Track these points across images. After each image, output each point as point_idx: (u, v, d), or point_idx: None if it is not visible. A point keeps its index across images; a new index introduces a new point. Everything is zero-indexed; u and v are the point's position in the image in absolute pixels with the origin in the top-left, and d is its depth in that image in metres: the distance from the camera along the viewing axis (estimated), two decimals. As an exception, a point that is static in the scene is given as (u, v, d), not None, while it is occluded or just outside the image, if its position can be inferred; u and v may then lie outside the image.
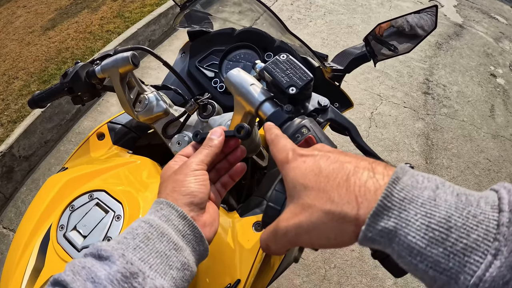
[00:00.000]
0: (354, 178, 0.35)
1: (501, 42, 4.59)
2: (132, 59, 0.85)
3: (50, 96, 0.98)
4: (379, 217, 0.31)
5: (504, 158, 3.03)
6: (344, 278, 2.14)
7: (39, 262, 0.74)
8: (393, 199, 0.31)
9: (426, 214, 0.29)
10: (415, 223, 0.30)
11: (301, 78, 0.58)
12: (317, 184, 0.37)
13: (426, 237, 0.29)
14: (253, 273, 0.75)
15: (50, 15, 3.87)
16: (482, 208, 0.29)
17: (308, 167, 0.40)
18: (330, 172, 0.37)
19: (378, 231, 0.31)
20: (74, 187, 0.84)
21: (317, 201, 0.36)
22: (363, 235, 0.32)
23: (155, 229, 0.44)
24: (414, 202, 0.31)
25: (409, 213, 0.30)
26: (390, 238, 0.31)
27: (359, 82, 3.43)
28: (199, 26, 1.23)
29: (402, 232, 0.30)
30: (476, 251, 0.27)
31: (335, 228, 0.35)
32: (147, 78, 3.21)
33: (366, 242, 0.33)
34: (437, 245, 0.28)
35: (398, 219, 0.30)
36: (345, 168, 0.37)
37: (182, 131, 0.93)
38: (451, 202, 0.30)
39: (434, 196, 0.30)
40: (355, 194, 0.34)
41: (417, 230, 0.29)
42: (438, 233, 0.28)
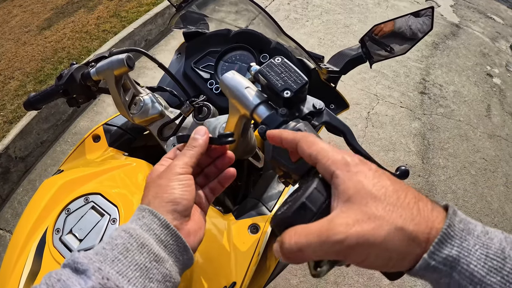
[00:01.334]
0: (421, 203, 0.35)
1: (498, 42, 4.61)
2: (127, 61, 0.85)
3: (45, 98, 0.98)
4: (443, 245, 0.32)
5: (500, 158, 3.04)
6: (341, 278, 2.15)
7: (35, 265, 0.74)
8: (455, 229, 0.33)
9: (484, 245, 0.32)
10: (476, 253, 0.31)
11: (295, 81, 0.58)
12: (387, 198, 0.35)
13: (486, 266, 0.31)
14: (249, 276, 0.75)
15: (46, 14, 3.85)
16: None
17: (375, 176, 0.38)
18: (398, 190, 0.36)
19: (442, 259, 0.32)
20: (69, 190, 0.84)
21: (388, 214, 0.34)
22: (425, 263, 0.33)
23: (134, 240, 0.42)
24: (471, 234, 0.33)
25: (469, 243, 0.32)
26: (452, 267, 0.32)
27: (355, 81, 3.43)
28: (194, 27, 1.23)
29: (465, 260, 0.31)
30: None
31: (403, 248, 0.33)
32: (143, 78, 3.21)
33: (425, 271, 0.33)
34: (496, 273, 0.30)
35: (460, 248, 0.32)
36: (411, 190, 0.37)
37: (178, 133, 0.93)
38: (501, 237, 0.32)
39: (486, 231, 0.33)
40: (425, 219, 0.34)
41: (478, 259, 0.31)
42: (496, 262, 0.31)
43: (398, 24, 1.03)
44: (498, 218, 2.59)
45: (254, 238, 0.79)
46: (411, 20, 1.03)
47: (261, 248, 0.79)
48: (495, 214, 2.61)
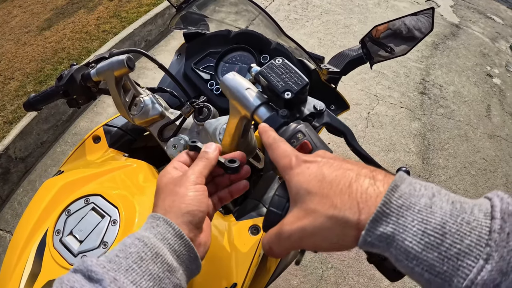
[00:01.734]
0: (356, 185, 0.36)
1: (497, 42, 4.61)
2: (127, 62, 0.85)
3: (45, 99, 0.98)
4: (378, 222, 0.33)
5: (500, 158, 3.04)
6: (341, 278, 2.15)
7: (36, 266, 0.74)
8: (391, 206, 0.33)
9: (423, 221, 0.31)
10: (412, 228, 0.31)
11: (296, 82, 0.58)
12: (320, 190, 0.38)
13: (422, 242, 0.30)
14: (250, 277, 0.75)
15: (46, 15, 3.85)
16: (475, 215, 0.30)
17: (312, 173, 0.41)
18: (333, 179, 0.38)
19: (377, 236, 0.33)
20: (70, 191, 0.84)
21: (321, 206, 0.37)
22: (363, 240, 0.34)
23: (149, 249, 0.42)
24: (411, 209, 0.32)
25: (406, 219, 0.32)
26: (388, 243, 0.32)
27: (355, 82, 3.43)
28: (195, 27, 1.23)
29: (400, 237, 0.32)
30: (469, 256, 0.29)
31: (338, 232, 0.36)
32: (143, 78, 3.21)
33: (365, 246, 0.34)
34: (432, 249, 0.30)
35: (396, 225, 0.32)
36: (347, 175, 0.38)
37: (178, 134, 0.93)
38: (446, 209, 0.31)
39: (430, 204, 0.32)
40: (357, 200, 0.35)
41: (414, 236, 0.31)
42: (433, 238, 0.30)
43: (398, 25, 1.03)
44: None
45: (254, 239, 0.79)
46: (411, 21, 1.03)
47: (262, 250, 0.79)
48: (495, 215, 2.60)
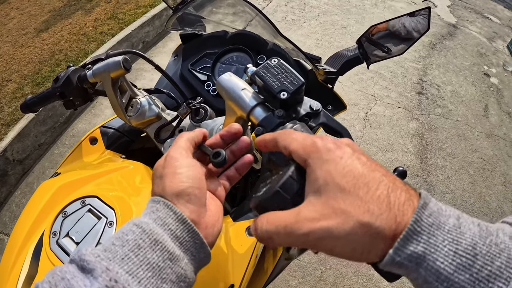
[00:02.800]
0: (393, 195, 0.34)
1: (495, 42, 4.62)
2: (123, 64, 0.85)
3: (42, 100, 0.98)
4: (408, 241, 0.31)
5: (498, 157, 3.05)
6: (340, 278, 2.15)
7: (32, 269, 0.73)
8: (422, 224, 0.31)
9: (453, 241, 0.30)
10: (443, 249, 0.30)
11: (292, 82, 0.58)
12: (356, 190, 0.34)
13: (454, 263, 0.30)
14: (247, 278, 0.75)
15: (44, 16, 3.84)
16: (501, 238, 0.30)
17: (346, 165, 0.36)
18: (370, 180, 0.35)
19: (407, 255, 0.31)
20: (66, 193, 0.84)
21: (354, 208, 0.33)
22: (391, 259, 0.32)
23: (147, 235, 0.38)
24: (441, 229, 0.31)
25: (437, 238, 0.31)
26: (418, 263, 0.31)
27: (353, 82, 3.44)
28: (192, 28, 1.23)
29: (431, 257, 0.30)
30: (500, 278, 0.28)
31: (366, 242, 0.33)
32: (140, 80, 3.20)
33: (391, 266, 0.32)
34: (464, 271, 0.29)
35: (427, 244, 0.31)
36: (384, 181, 0.35)
37: (175, 135, 0.92)
38: (475, 230, 0.31)
39: (459, 224, 0.31)
40: (395, 213, 0.32)
41: (446, 256, 0.30)
42: (465, 259, 0.29)
43: (395, 25, 1.03)
44: (497, 217, 2.59)
45: (252, 240, 0.79)
46: (408, 21, 1.03)
47: (259, 250, 0.79)
48: (493, 214, 2.61)
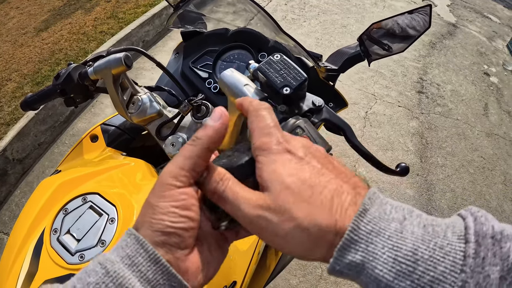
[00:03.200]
0: (337, 200, 0.33)
1: (494, 41, 4.62)
2: (125, 60, 0.84)
3: (42, 98, 0.97)
4: (346, 250, 0.31)
5: (498, 156, 3.05)
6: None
7: (33, 266, 0.73)
8: (360, 232, 0.31)
9: (393, 247, 0.30)
10: (382, 256, 0.30)
11: (295, 78, 0.58)
12: (300, 192, 0.34)
13: (394, 270, 0.29)
14: (249, 275, 0.75)
15: (43, 16, 3.84)
16: (449, 239, 0.29)
17: (293, 168, 0.35)
18: (316, 184, 0.34)
19: (346, 264, 0.31)
20: (67, 190, 0.84)
21: (297, 210, 0.33)
22: (331, 268, 0.32)
23: (111, 279, 0.32)
24: (381, 235, 0.30)
25: (376, 246, 0.30)
26: (358, 271, 0.30)
27: (353, 81, 3.44)
28: (192, 26, 1.22)
29: (370, 265, 0.30)
30: (443, 283, 0.27)
31: (308, 245, 0.33)
32: (141, 79, 3.20)
33: (334, 274, 0.32)
34: (405, 278, 0.28)
35: (365, 252, 0.30)
36: (330, 185, 0.34)
37: (176, 133, 0.92)
38: (418, 234, 0.30)
39: (401, 228, 0.30)
40: (335, 219, 0.32)
41: (384, 264, 0.29)
42: (405, 266, 0.29)
43: (395, 23, 1.03)
44: (497, 216, 2.59)
45: (254, 237, 0.79)
46: (408, 18, 1.03)
47: (261, 247, 0.79)
48: (493, 212, 2.61)
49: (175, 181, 0.36)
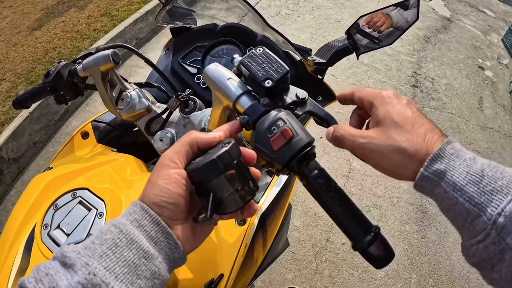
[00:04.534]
0: (429, 135, 0.47)
1: (489, 35, 4.63)
2: (112, 57, 0.85)
3: (34, 96, 0.98)
4: (434, 161, 0.44)
5: (493, 149, 3.06)
6: (335, 271, 2.16)
7: (24, 262, 0.74)
8: (445, 152, 0.44)
9: (467, 165, 0.42)
10: (459, 168, 0.42)
11: (277, 71, 0.59)
12: (404, 125, 0.48)
13: (466, 178, 0.41)
14: (236, 268, 0.76)
15: (37, 15, 3.83)
16: (507, 171, 0.41)
17: (401, 108, 0.50)
18: (415, 121, 0.48)
19: (433, 171, 0.43)
20: (57, 186, 0.84)
21: (400, 137, 0.47)
22: (420, 174, 0.44)
23: (124, 235, 0.41)
24: (459, 157, 0.43)
25: (455, 162, 0.43)
26: (440, 177, 0.43)
27: (347, 76, 3.44)
28: (181, 22, 1.22)
29: (449, 173, 0.42)
30: (500, 193, 0.39)
31: (402, 161, 0.47)
32: (135, 76, 3.20)
33: (421, 181, 0.45)
34: (473, 185, 0.40)
35: (447, 164, 0.43)
36: (426, 124, 0.48)
37: (165, 128, 0.93)
38: (485, 163, 0.42)
39: (474, 157, 0.43)
40: (426, 145, 0.46)
41: (460, 174, 0.42)
42: (474, 177, 0.41)
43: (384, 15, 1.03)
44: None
45: (241, 230, 0.79)
46: (397, 11, 1.03)
47: (248, 240, 0.80)
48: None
49: (171, 163, 0.47)
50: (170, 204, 0.45)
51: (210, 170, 0.46)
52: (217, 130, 0.53)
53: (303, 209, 2.40)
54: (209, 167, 0.46)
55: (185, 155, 0.48)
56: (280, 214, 0.95)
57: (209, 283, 0.73)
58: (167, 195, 0.45)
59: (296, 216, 2.36)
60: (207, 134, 0.51)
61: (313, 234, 2.30)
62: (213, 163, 0.46)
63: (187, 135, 0.50)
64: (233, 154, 0.48)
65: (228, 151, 0.47)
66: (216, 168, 0.46)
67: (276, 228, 0.94)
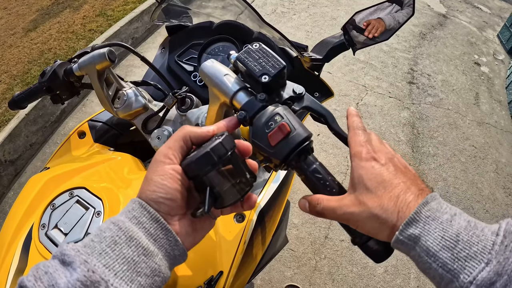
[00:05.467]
0: (402, 197, 0.45)
1: (485, 31, 4.64)
2: (108, 55, 0.84)
3: (30, 96, 0.97)
4: (409, 226, 0.43)
5: (490, 145, 3.07)
6: (334, 268, 2.16)
7: (22, 262, 0.74)
8: (421, 215, 0.43)
9: (443, 229, 0.41)
10: (434, 233, 0.41)
11: (273, 66, 0.58)
12: (376, 190, 0.47)
13: (440, 244, 0.40)
14: (236, 265, 0.75)
15: (32, 16, 3.81)
16: (485, 233, 0.40)
17: (374, 173, 0.48)
18: (388, 185, 0.47)
19: (407, 236, 0.43)
20: (54, 185, 0.84)
21: (372, 203, 0.46)
22: (396, 238, 0.44)
23: (123, 233, 0.42)
24: (435, 220, 0.42)
25: (430, 226, 0.42)
26: (415, 242, 0.42)
27: (344, 73, 3.44)
28: (177, 20, 1.22)
29: (424, 238, 0.42)
30: (474, 259, 0.38)
31: (376, 227, 0.46)
32: (131, 76, 3.19)
33: (396, 243, 0.44)
34: (447, 251, 0.40)
35: (422, 229, 0.42)
36: (400, 186, 0.47)
37: (162, 126, 0.93)
38: (462, 225, 0.41)
39: (451, 219, 0.42)
40: (398, 209, 0.45)
41: (434, 239, 0.41)
42: (449, 243, 0.40)
43: (379, 11, 1.04)
44: (489, 204, 2.62)
45: (240, 227, 0.79)
46: (392, 6, 1.03)
47: (247, 237, 0.80)
48: (486, 200, 2.63)
49: (165, 159, 0.47)
50: (167, 200, 0.45)
51: (204, 163, 0.46)
52: (214, 125, 0.53)
53: (302, 206, 2.40)
54: (203, 160, 0.46)
55: (180, 150, 0.48)
56: (278, 210, 0.95)
57: (208, 280, 0.73)
58: (164, 190, 0.45)
59: (294, 213, 2.37)
60: (201, 128, 0.50)
61: (311, 232, 2.31)
62: (206, 155, 0.46)
63: (180, 130, 0.50)
64: (227, 145, 0.47)
65: (221, 142, 0.47)
66: (210, 161, 0.46)
67: (275, 224, 0.94)
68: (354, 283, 2.13)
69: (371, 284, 2.14)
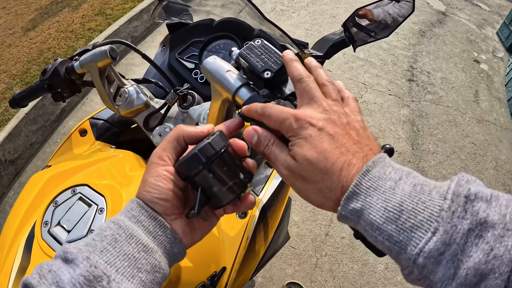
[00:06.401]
0: (346, 171, 0.42)
1: (484, 29, 4.65)
2: (110, 53, 0.84)
3: (30, 94, 0.97)
4: (350, 200, 0.40)
5: (489, 142, 3.08)
6: (335, 265, 2.17)
7: (24, 260, 0.74)
8: (361, 187, 0.40)
9: (385, 200, 0.38)
10: (376, 205, 0.38)
11: (276, 62, 0.58)
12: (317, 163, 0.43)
13: (384, 216, 0.38)
14: (238, 260, 0.76)
15: (31, 15, 3.81)
16: (432, 196, 0.37)
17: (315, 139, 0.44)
18: (329, 157, 0.43)
19: (349, 210, 0.40)
20: (57, 183, 0.84)
21: (314, 178, 0.43)
22: (339, 213, 0.42)
23: (123, 231, 0.43)
24: (377, 190, 0.39)
25: (372, 198, 0.39)
26: (358, 216, 0.40)
27: (343, 71, 3.45)
28: (178, 18, 1.22)
29: (366, 212, 0.39)
30: (420, 229, 0.35)
31: (320, 200, 0.44)
32: (131, 75, 3.17)
33: (341, 219, 0.42)
34: (391, 222, 0.37)
35: (364, 202, 0.39)
36: (342, 158, 0.43)
37: (164, 123, 0.93)
38: (406, 191, 0.38)
39: (394, 186, 0.39)
40: (341, 184, 0.42)
41: (377, 211, 0.38)
42: (392, 214, 0.37)
43: (380, 8, 1.04)
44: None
45: (242, 223, 0.80)
46: (392, 3, 1.03)
47: (250, 233, 0.80)
48: (485, 197, 2.63)
49: (159, 160, 0.47)
50: (161, 200, 0.45)
51: (193, 164, 0.46)
52: (209, 125, 0.52)
53: (302, 203, 2.41)
54: (191, 161, 0.46)
55: (173, 151, 0.49)
56: (280, 206, 0.95)
57: (211, 276, 0.73)
58: (158, 191, 0.46)
59: (295, 211, 2.37)
60: (194, 128, 0.50)
61: (312, 229, 2.31)
62: (194, 157, 0.46)
63: (174, 130, 0.50)
64: (216, 146, 0.46)
65: (210, 143, 0.46)
66: (198, 162, 0.46)
67: (277, 220, 0.94)
68: (355, 280, 2.13)
69: (371, 281, 2.14)
